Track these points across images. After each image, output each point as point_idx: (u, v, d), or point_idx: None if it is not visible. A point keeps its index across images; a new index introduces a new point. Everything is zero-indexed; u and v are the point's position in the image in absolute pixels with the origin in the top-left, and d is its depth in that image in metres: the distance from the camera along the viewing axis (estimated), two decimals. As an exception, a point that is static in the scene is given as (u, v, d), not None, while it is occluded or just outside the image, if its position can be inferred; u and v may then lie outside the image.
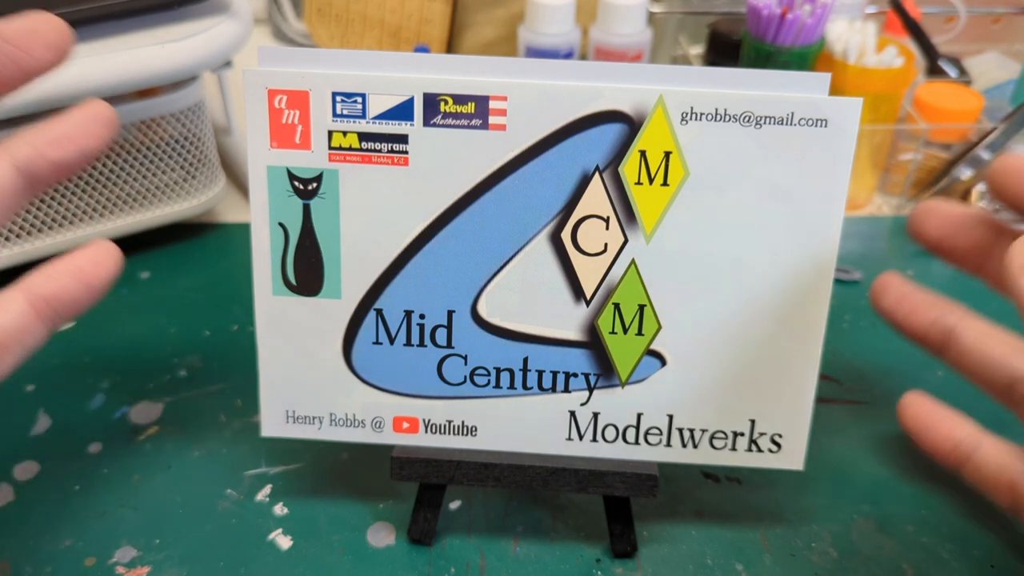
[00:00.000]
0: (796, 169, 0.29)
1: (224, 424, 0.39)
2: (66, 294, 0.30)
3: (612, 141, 0.29)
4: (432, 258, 0.31)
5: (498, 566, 0.33)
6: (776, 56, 0.52)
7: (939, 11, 0.67)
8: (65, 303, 0.30)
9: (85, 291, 0.31)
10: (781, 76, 0.29)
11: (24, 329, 0.30)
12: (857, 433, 0.39)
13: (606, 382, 0.32)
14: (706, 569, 0.33)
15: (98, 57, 0.41)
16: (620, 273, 0.31)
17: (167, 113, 0.45)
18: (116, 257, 0.31)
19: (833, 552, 0.34)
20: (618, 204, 0.30)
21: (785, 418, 0.32)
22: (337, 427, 0.33)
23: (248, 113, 0.30)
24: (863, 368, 0.43)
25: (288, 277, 0.31)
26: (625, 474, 0.32)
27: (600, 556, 0.34)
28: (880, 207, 0.56)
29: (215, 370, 0.42)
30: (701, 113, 0.29)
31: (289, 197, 0.30)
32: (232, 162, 0.54)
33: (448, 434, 0.33)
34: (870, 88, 0.51)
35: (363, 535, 0.34)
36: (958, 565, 0.34)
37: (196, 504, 0.35)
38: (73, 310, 0.31)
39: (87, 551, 0.33)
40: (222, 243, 0.51)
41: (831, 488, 0.37)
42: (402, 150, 0.30)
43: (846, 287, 0.49)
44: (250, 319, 0.42)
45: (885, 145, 0.54)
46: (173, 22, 0.44)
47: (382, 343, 0.32)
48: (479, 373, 0.32)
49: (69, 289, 0.30)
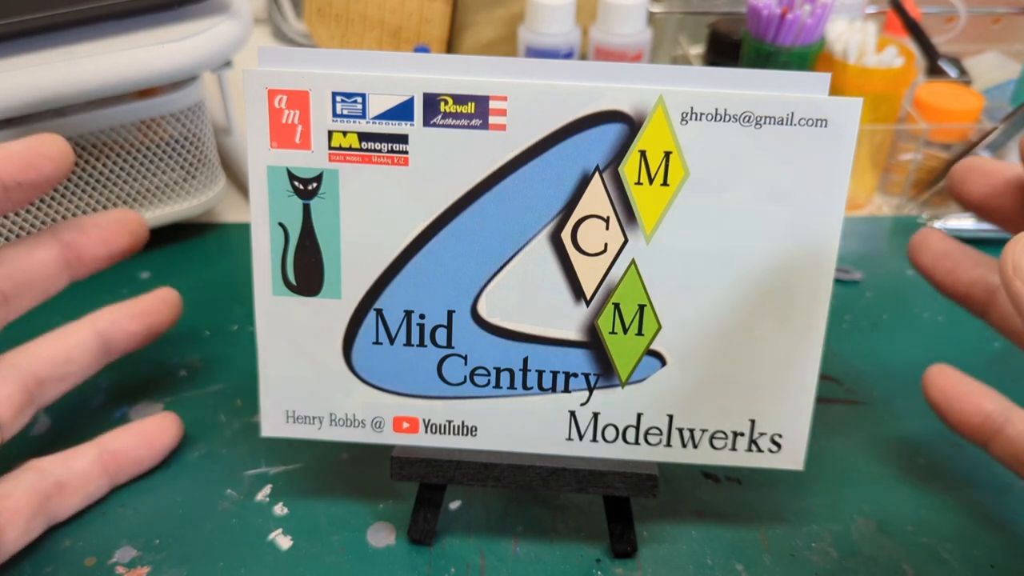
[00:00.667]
0: (796, 169, 0.29)
1: (224, 424, 0.39)
2: (133, 452, 0.35)
3: (612, 141, 0.29)
4: (432, 258, 0.31)
5: (498, 566, 0.33)
6: (776, 56, 0.52)
7: (939, 11, 0.67)
8: (131, 460, 0.35)
9: (148, 453, 0.35)
10: (781, 76, 0.29)
11: (90, 478, 0.34)
12: (857, 433, 0.39)
13: (606, 382, 0.32)
14: (706, 569, 0.33)
15: (98, 57, 0.41)
16: (620, 273, 0.31)
17: (167, 113, 0.45)
18: (178, 425, 0.37)
19: (833, 552, 0.34)
20: (618, 204, 0.30)
21: (785, 418, 0.32)
22: (337, 427, 0.33)
23: (248, 113, 0.30)
24: (863, 368, 0.43)
25: (288, 277, 0.31)
26: (625, 474, 0.32)
27: (600, 556, 0.34)
28: (880, 207, 0.56)
29: (215, 370, 0.42)
30: (701, 113, 0.29)
31: (289, 197, 0.30)
32: (232, 162, 0.54)
33: (448, 434, 0.33)
34: (870, 88, 0.51)
35: (363, 535, 0.34)
36: (958, 565, 0.34)
37: (196, 504, 0.35)
38: (135, 469, 0.35)
39: (87, 551, 0.33)
40: (222, 243, 0.51)
41: (831, 488, 0.37)
42: (402, 150, 0.30)
43: (846, 287, 0.49)
44: (250, 319, 0.42)
45: (885, 145, 0.54)
46: (173, 22, 0.44)
47: (382, 343, 0.32)
48: (479, 373, 0.32)
49: (135, 449, 0.35)
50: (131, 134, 0.45)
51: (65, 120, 0.42)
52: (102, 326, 0.35)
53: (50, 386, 0.34)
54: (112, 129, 0.44)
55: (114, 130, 0.44)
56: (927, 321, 0.46)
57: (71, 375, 0.35)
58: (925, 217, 0.54)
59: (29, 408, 0.33)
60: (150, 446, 0.35)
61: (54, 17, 0.40)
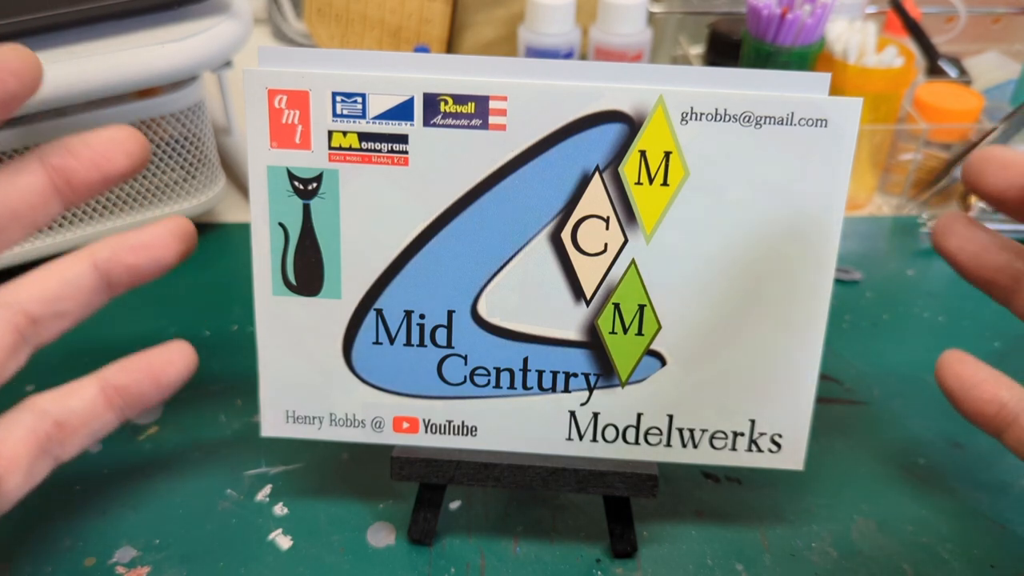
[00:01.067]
0: (796, 169, 0.29)
1: (224, 424, 0.39)
2: (136, 387, 0.32)
3: (612, 141, 0.29)
4: (432, 258, 0.31)
5: (498, 566, 0.33)
6: (776, 56, 0.52)
7: (939, 11, 0.67)
8: (135, 395, 0.32)
9: (154, 388, 0.33)
10: (781, 76, 0.29)
11: (94, 415, 0.32)
12: (857, 433, 0.39)
13: (606, 382, 0.32)
14: (706, 569, 0.33)
15: (98, 57, 0.41)
16: (620, 273, 0.31)
17: (167, 113, 0.45)
18: (188, 359, 0.33)
19: (833, 552, 0.34)
20: (618, 204, 0.30)
21: (785, 418, 0.32)
22: (337, 427, 0.33)
23: (248, 113, 0.30)
24: (863, 368, 0.43)
25: (288, 277, 0.31)
26: (625, 474, 0.32)
27: (600, 556, 0.34)
28: (880, 207, 0.56)
29: (215, 370, 0.42)
30: (701, 113, 0.29)
31: (289, 197, 0.30)
32: (232, 162, 0.54)
33: (448, 434, 0.33)
34: (870, 88, 0.51)
35: (363, 535, 0.34)
36: (958, 565, 0.34)
37: (196, 504, 0.35)
38: (141, 404, 0.33)
39: (87, 551, 0.33)
40: (222, 243, 0.51)
41: (831, 488, 0.37)
42: (402, 150, 0.30)
43: (846, 287, 0.49)
44: (250, 319, 0.42)
45: (885, 145, 0.54)
46: (173, 22, 0.44)
47: (382, 343, 0.32)
48: (479, 373, 0.32)
49: (140, 383, 0.32)
50: (131, 134, 0.45)
51: (65, 120, 0.42)
52: (100, 259, 0.32)
53: (45, 325, 0.31)
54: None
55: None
56: (927, 321, 0.46)
57: (68, 313, 0.32)
58: (925, 217, 0.54)
59: (23, 349, 0.31)
60: (155, 380, 0.33)
61: (54, 17, 0.40)
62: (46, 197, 0.30)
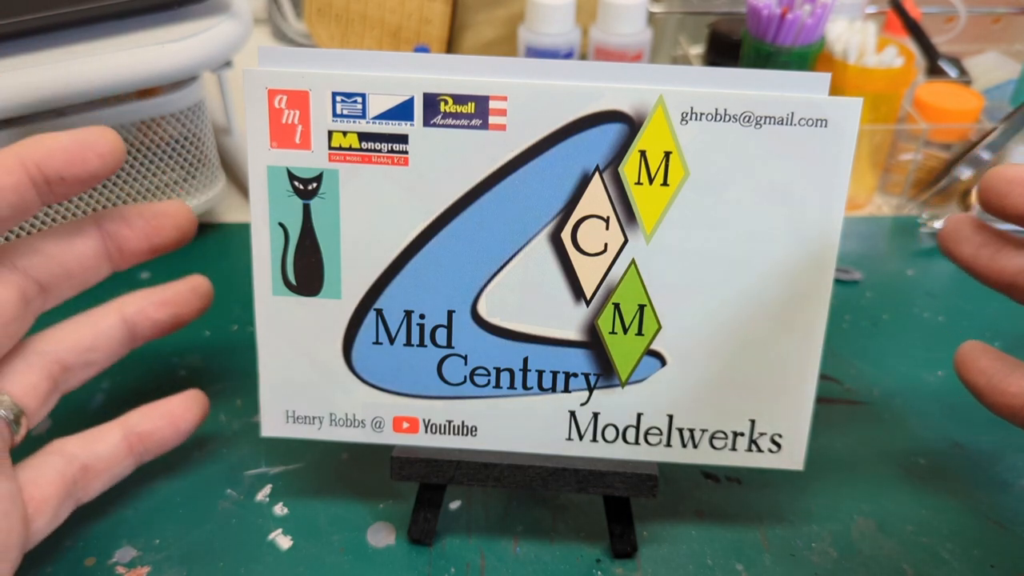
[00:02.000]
0: (796, 169, 0.29)
1: (224, 424, 0.39)
2: (158, 433, 0.34)
3: (612, 141, 0.29)
4: (432, 258, 0.31)
5: (498, 566, 0.33)
6: (776, 56, 0.52)
7: (939, 11, 0.67)
8: (156, 441, 0.34)
9: (173, 433, 0.35)
10: (781, 76, 0.29)
11: (116, 460, 0.33)
12: (857, 433, 0.39)
13: (606, 382, 0.32)
14: (706, 569, 0.33)
15: (98, 57, 0.41)
16: (620, 273, 0.31)
17: (167, 113, 0.45)
18: (204, 407, 0.36)
19: (833, 552, 0.34)
20: (618, 204, 0.30)
21: (785, 418, 0.32)
22: (337, 427, 0.33)
23: (248, 113, 0.30)
24: (863, 368, 0.43)
25: (288, 277, 0.31)
26: (625, 474, 0.32)
27: (600, 556, 0.34)
28: (880, 207, 0.56)
29: (215, 370, 0.42)
30: (701, 113, 0.29)
31: (289, 197, 0.30)
32: (232, 162, 0.54)
33: (448, 434, 0.33)
34: (870, 88, 0.51)
35: (363, 535, 0.34)
36: (958, 565, 0.34)
37: (196, 504, 0.35)
38: (160, 449, 0.35)
39: (87, 551, 0.33)
40: (222, 243, 0.51)
41: (831, 488, 0.37)
42: (402, 150, 0.30)
43: (846, 287, 0.49)
44: (250, 319, 0.42)
45: (885, 145, 0.54)
46: (173, 22, 0.44)
47: (382, 343, 0.32)
48: (479, 373, 0.32)
49: (162, 429, 0.34)
50: (131, 134, 0.45)
51: (65, 120, 0.42)
52: (129, 312, 0.34)
53: (75, 373, 0.33)
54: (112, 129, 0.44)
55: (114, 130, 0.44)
56: (927, 321, 0.46)
57: (96, 362, 0.34)
58: (925, 217, 0.54)
59: (54, 396, 0.33)
60: (175, 426, 0.34)
61: (54, 17, 0.40)
62: (99, 261, 0.33)
